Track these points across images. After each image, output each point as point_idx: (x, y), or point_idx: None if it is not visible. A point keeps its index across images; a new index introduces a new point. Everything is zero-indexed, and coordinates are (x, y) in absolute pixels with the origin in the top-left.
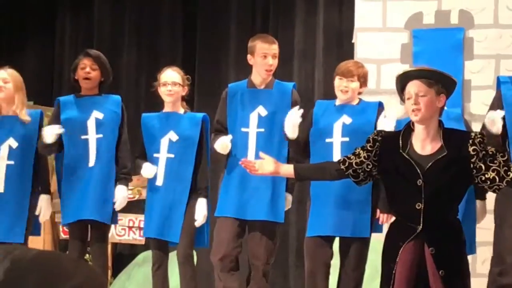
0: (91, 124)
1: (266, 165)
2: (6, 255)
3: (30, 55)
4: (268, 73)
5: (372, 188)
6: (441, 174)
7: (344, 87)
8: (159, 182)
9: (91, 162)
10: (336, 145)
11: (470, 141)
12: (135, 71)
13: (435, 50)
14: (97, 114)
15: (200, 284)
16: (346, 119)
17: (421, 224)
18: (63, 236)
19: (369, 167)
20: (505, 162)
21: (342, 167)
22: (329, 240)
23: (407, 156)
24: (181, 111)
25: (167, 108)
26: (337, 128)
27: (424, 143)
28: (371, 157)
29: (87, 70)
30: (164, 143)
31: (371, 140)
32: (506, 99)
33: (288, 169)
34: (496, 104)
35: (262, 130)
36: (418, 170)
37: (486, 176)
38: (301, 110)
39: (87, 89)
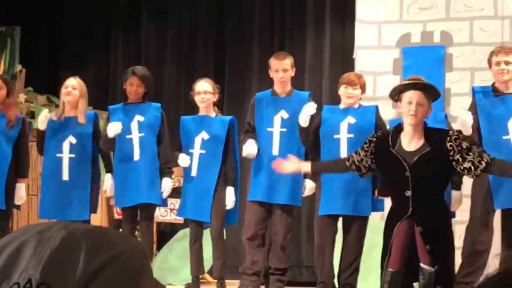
0: (134, 126)
1: (290, 164)
2: (63, 227)
3: (90, 68)
4: (281, 84)
5: (372, 176)
6: (425, 166)
7: (349, 94)
8: (193, 173)
9: (136, 156)
10: (343, 140)
11: (448, 138)
12: (176, 82)
13: (421, 64)
14: (139, 118)
15: (229, 256)
16: (351, 120)
17: (411, 208)
18: (116, 216)
19: (368, 163)
20: (479, 153)
21: (348, 163)
22: (335, 218)
23: (395, 153)
24: (213, 114)
25: (201, 112)
26: (343, 126)
27: (410, 141)
28: (368, 155)
29: (134, 88)
30: (197, 141)
31: (367, 141)
32: (479, 106)
33: (307, 167)
34: (472, 111)
35: (284, 130)
36: (405, 164)
37: (464, 166)
38: (316, 105)
39: (133, 99)
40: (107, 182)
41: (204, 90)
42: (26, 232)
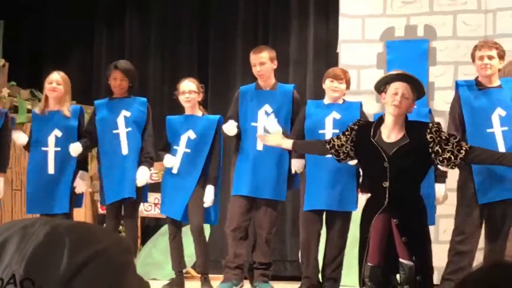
0: (120, 121)
1: (273, 138)
2: (46, 222)
3: (74, 62)
4: (261, 78)
5: (356, 171)
6: (404, 158)
7: (335, 87)
8: (175, 170)
9: (124, 150)
10: (328, 136)
11: (428, 130)
12: (160, 78)
13: (405, 58)
14: (125, 113)
15: (213, 251)
16: (336, 115)
17: (387, 199)
18: (100, 211)
19: (347, 149)
20: (457, 143)
21: (327, 146)
22: (320, 214)
23: (375, 143)
24: (199, 113)
25: (187, 112)
26: (329, 122)
27: (390, 132)
28: (348, 142)
29: (117, 82)
30: (183, 139)
31: (349, 128)
32: (463, 99)
33: (288, 143)
34: (456, 104)
35: None
36: (384, 155)
37: (443, 156)
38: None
39: (118, 94)
40: (84, 179)
41: (189, 89)
42: (10, 228)
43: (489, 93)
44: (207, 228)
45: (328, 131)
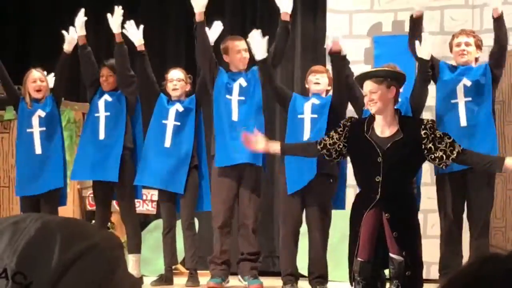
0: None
1: (259, 143)
2: (38, 218)
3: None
4: (243, 63)
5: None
6: (398, 153)
7: (316, 79)
8: (167, 143)
9: (101, 135)
10: (307, 120)
11: (422, 126)
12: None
13: (392, 53)
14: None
15: (202, 247)
16: (315, 101)
17: (379, 194)
18: (89, 208)
19: (340, 147)
20: (451, 143)
21: (319, 147)
22: (300, 212)
23: (369, 138)
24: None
25: (174, 98)
26: (307, 107)
27: (383, 128)
28: (342, 138)
29: (104, 79)
30: (172, 112)
31: (341, 125)
32: (439, 76)
33: (275, 147)
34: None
35: (243, 98)
36: (378, 150)
37: (435, 155)
38: (260, 31)
39: (108, 89)
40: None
41: (177, 77)
42: (1, 223)
43: (458, 68)
44: (195, 222)
45: (307, 117)
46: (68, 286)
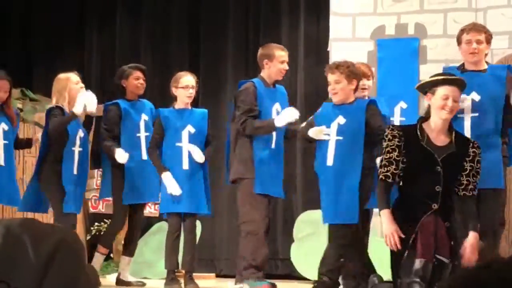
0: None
1: None
2: None
3: (64, 61)
4: (282, 75)
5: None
6: (453, 164)
7: (363, 85)
8: (185, 166)
9: (144, 156)
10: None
11: (471, 144)
12: (151, 74)
13: (395, 56)
14: (145, 117)
15: (204, 250)
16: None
17: (439, 203)
18: (91, 210)
19: (403, 161)
20: (475, 183)
21: (391, 181)
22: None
23: (426, 146)
24: (189, 107)
25: (180, 105)
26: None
27: (438, 136)
28: (401, 150)
29: (141, 81)
30: (184, 134)
31: (391, 137)
32: None
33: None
34: None
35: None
36: (438, 159)
37: (461, 179)
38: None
39: (136, 95)
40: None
41: (192, 85)
42: None
43: (469, 76)
44: (198, 226)
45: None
46: (53, 283)
